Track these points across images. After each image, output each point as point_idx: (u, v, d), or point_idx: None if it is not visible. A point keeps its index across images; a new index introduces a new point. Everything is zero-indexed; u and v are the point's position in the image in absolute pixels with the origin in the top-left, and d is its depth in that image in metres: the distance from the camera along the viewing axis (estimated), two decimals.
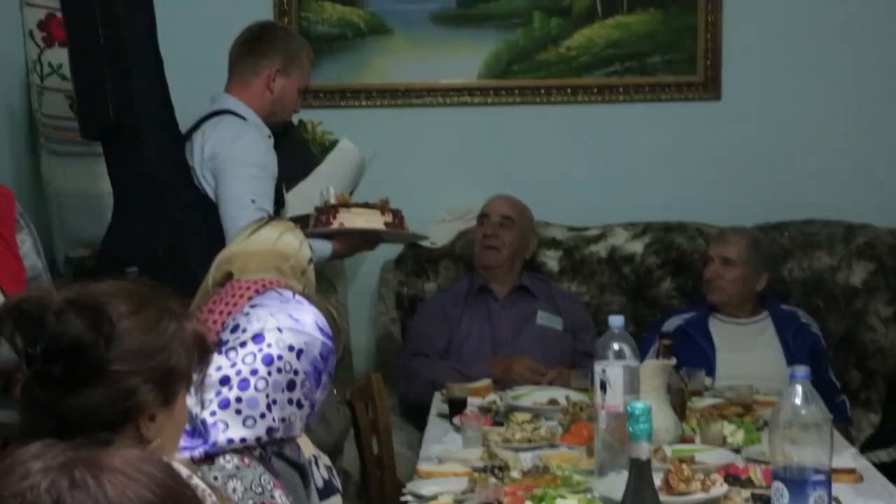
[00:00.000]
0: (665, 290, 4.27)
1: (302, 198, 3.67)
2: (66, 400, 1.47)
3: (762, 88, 4.43)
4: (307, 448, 2.10)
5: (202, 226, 3.28)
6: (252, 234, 2.61)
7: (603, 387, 2.59)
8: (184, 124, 3.45)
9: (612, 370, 2.59)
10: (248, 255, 2.53)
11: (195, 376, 1.57)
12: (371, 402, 3.40)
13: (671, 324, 3.95)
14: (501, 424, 3.12)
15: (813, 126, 4.43)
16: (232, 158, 3.32)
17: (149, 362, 1.50)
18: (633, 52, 4.43)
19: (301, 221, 3.60)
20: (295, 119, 3.84)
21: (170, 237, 3.29)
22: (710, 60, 4.40)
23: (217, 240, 3.09)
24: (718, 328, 3.94)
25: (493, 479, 2.55)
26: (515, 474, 2.64)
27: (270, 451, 1.98)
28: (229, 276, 2.52)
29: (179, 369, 1.53)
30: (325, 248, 3.47)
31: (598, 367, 2.62)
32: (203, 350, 1.57)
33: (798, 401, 2.22)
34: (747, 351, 3.88)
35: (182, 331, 1.54)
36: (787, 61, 4.42)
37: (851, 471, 2.63)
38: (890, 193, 4.00)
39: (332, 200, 3.56)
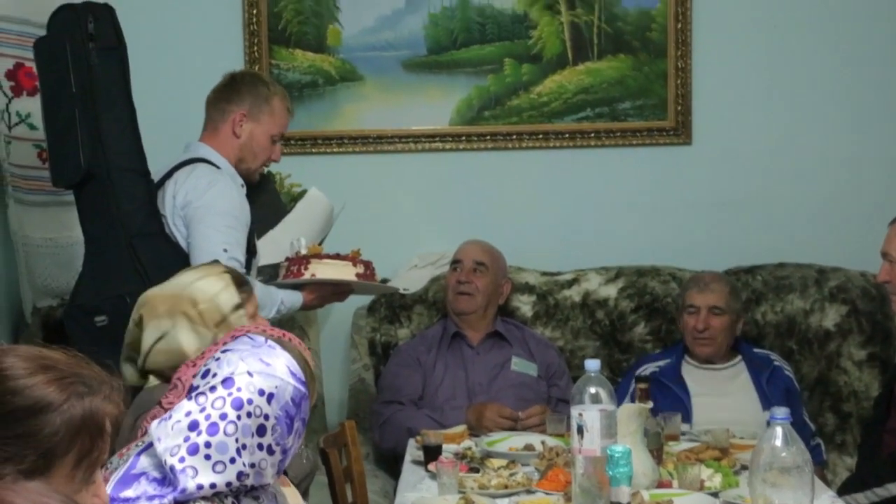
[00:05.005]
0: (639, 335, 4.25)
1: (271, 246, 3.64)
2: None
3: (733, 132, 4.45)
4: (295, 501, 2.06)
5: (173, 275, 3.23)
6: (175, 278, 2.60)
7: (580, 431, 2.57)
8: (156, 172, 3.43)
9: (589, 414, 2.57)
10: (159, 298, 2.54)
11: (86, 458, 1.49)
12: (345, 450, 3.36)
13: (645, 370, 3.93)
14: (477, 471, 3.09)
15: (784, 169, 4.45)
16: (204, 206, 3.29)
17: (13, 429, 1.45)
18: (604, 98, 4.44)
19: (271, 270, 3.58)
20: (264, 168, 3.81)
21: (140, 286, 3.24)
22: (681, 105, 4.42)
23: None
24: (692, 374, 3.92)
25: None
26: None
27: (243, 501, 1.93)
28: (140, 317, 2.52)
29: (51, 447, 1.46)
30: (296, 298, 3.46)
31: (574, 412, 2.59)
32: (94, 430, 1.49)
33: (778, 443, 2.20)
34: (722, 396, 3.87)
35: (72, 408, 1.47)
36: (758, 105, 4.44)
37: None
38: (861, 236, 4.01)
39: (304, 251, 3.54)
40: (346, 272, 3.54)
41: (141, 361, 2.55)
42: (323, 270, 3.50)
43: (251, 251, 3.41)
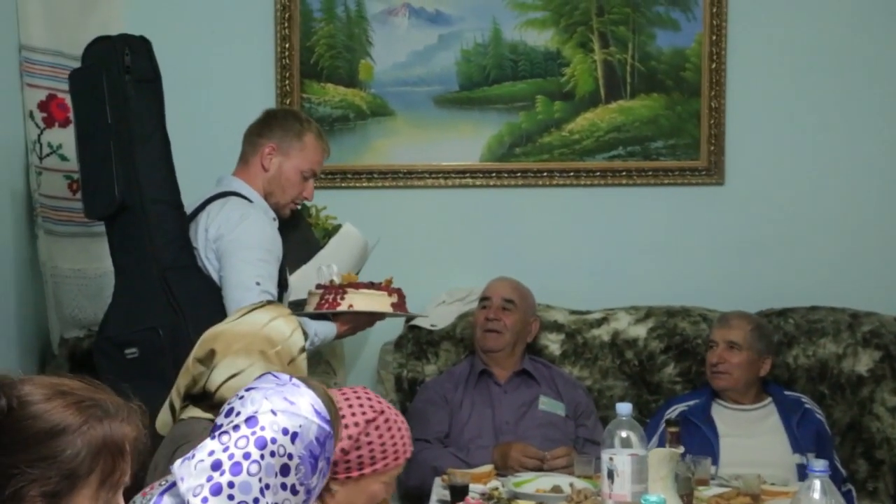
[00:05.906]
0: (668, 376, 4.21)
1: (304, 281, 3.63)
2: None
3: (766, 173, 4.41)
4: None
5: (205, 307, 3.23)
6: (243, 315, 2.59)
7: (610, 475, 2.54)
8: (188, 205, 3.43)
9: (619, 459, 2.54)
10: (233, 336, 2.52)
11: (108, 479, 1.53)
12: None
13: (674, 411, 3.89)
14: None
15: (817, 212, 4.41)
16: (237, 240, 3.29)
17: (36, 452, 1.49)
18: (637, 137, 4.42)
19: (301, 305, 3.56)
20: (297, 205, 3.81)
21: (172, 319, 3.24)
22: (714, 145, 4.39)
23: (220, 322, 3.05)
24: (721, 414, 3.88)
25: None
26: None
27: None
28: (212, 353, 2.49)
29: (73, 467, 1.50)
30: (329, 329, 3.47)
31: (605, 456, 2.56)
32: (115, 452, 1.54)
33: (816, 495, 2.16)
34: (751, 437, 3.83)
35: (92, 429, 1.52)
36: (792, 146, 4.41)
37: None
38: None
39: (336, 279, 3.52)
40: (382, 303, 3.54)
41: (198, 390, 2.51)
42: (360, 301, 3.51)
43: (283, 285, 3.40)
